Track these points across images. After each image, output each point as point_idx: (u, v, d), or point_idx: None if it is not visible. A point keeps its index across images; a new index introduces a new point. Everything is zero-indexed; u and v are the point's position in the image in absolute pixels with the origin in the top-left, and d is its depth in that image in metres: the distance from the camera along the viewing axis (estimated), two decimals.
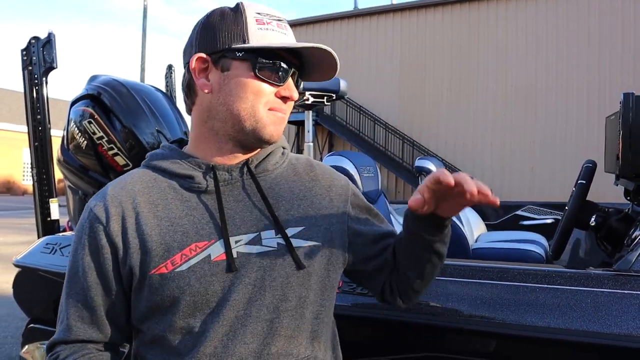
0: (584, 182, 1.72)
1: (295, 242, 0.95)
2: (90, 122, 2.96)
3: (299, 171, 1.06)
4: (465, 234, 2.85)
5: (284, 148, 1.06)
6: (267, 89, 0.94)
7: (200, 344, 0.90)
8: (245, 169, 0.98)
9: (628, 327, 1.19)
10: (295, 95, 0.96)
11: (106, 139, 2.89)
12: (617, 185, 2.03)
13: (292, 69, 0.96)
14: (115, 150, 2.93)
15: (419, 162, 3.35)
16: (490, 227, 3.54)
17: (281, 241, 0.95)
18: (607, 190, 3.69)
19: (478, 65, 15.94)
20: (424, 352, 1.41)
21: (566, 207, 2.05)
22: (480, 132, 15.84)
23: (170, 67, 3.51)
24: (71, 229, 2.64)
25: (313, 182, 1.05)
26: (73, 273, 0.96)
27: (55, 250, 1.93)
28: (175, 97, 3.38)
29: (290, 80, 0.96)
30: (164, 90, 3.39)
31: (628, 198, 2.02)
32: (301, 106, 3.00)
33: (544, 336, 1.23)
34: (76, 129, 2.54)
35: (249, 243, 0.93)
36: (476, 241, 3.27)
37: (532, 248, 2.89)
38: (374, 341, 1.45)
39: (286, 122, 0.99)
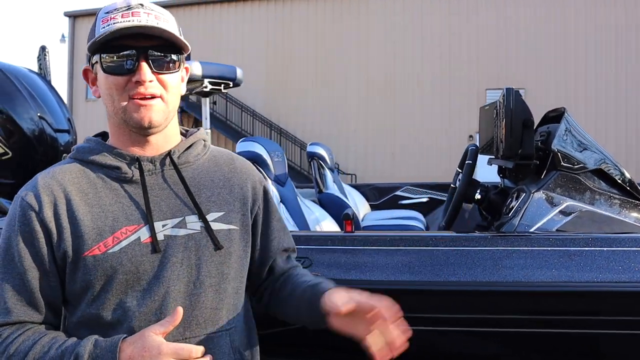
0: (471, 162, 2.00)
1: (215, 226, 1.05)
2: None
3: (219, 163, 1.14)
4: (358, 214, 3.10)
5: (204, 140, 1.14)
6: (120, 81, 0.98)
7: (134, 318, 0.98)
8: (167, 160, 1.05)
9: (519, 276, 1.48)
10: (145, 77, 0.96)
11: None
12: (490, 165, 2.38)
13: (142, 52, 0.96)
14: None
15: (310, 148, 3.59)
16: (373, 207, 3.85)
17: (203, 225, 1.04)
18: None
19: (341, 55, 16.64)
20: None
21: (452, 185, 2.36)
22: (344, 119, 16.60)
23: (43, 49, 3.26)
24: None
25: (232, 173, 1.13)
26: (8, 260, 0.98)
27: None
28: (50, 80, 3.15)
29: (142, 65, 0.96)
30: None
31: (501, 175, 2.38)
32: (198, 93, 3.02)
33: (459, 288, 1.47)
34: None
35: (175, 226, 1.02)
36: (362, 220, 3.55)
37: (414, 223, 3.24)
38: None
39: (162, 104, 1.00)
